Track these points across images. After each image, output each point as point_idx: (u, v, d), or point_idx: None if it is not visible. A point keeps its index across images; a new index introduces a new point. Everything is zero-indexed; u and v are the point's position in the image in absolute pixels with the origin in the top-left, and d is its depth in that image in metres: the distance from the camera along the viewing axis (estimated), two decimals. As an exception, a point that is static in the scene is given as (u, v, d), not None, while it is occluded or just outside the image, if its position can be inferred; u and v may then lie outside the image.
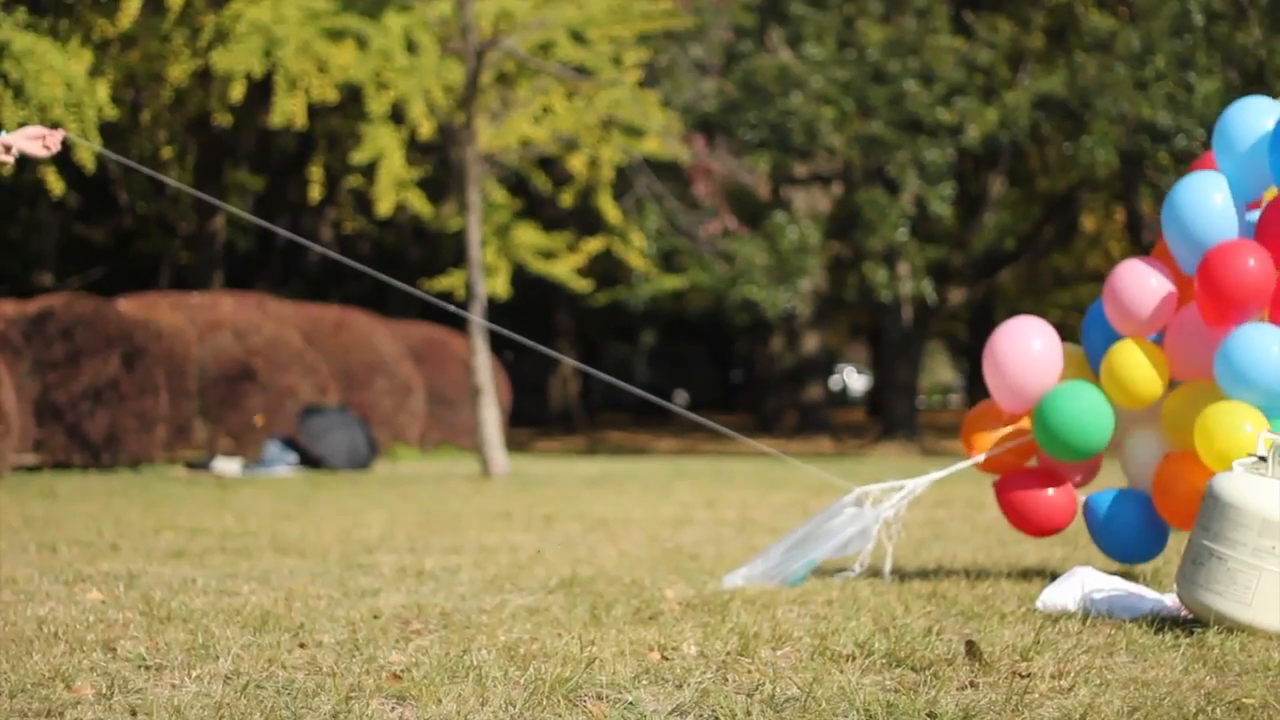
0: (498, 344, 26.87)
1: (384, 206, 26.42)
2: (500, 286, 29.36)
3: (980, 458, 8.87)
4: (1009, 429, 8.90)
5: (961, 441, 9.09)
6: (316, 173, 28.52)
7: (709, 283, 34.02)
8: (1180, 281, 8.41)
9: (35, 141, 7.08)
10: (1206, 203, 8.14)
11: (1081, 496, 8.88)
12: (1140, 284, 8.34)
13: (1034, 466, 8.88)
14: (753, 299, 33.11)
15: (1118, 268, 8.48)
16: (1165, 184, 31.77)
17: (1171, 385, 8.45)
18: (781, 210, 35.09)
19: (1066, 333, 9.04)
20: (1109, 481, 9.39)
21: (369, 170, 29.29)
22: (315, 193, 28.76)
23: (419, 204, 28.06)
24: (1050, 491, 8.71)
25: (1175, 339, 8.33)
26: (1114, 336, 8.61)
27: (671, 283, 34.73)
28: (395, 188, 26.57)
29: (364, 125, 26.76)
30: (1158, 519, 8.51)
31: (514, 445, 31.26)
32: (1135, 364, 8.30)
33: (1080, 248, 42.67)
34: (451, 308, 10.56)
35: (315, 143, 33.19)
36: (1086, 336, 8.86)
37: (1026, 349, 8.68)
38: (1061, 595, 7.50)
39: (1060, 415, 8.42)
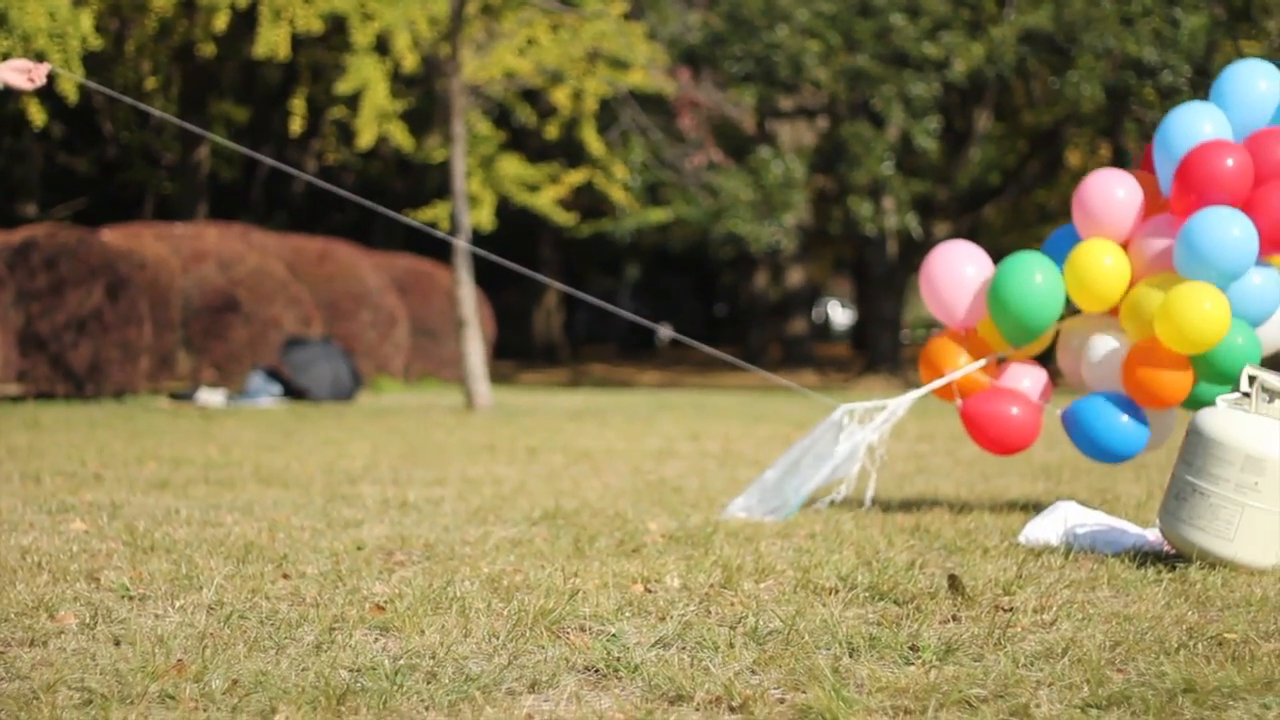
0: (485, 277, 26.80)
1: (365, 138, 26.32)
2: (484, 218, 29.31)
3: (957, 374, 8.87)
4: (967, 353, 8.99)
5: (920, 367, 9.14)
6: (299, 105, 28.41)
7: (694, 216, 33.99)
8: (1150, 195, 8.55)
9: (20, 74, 7.03)
10: (1197, 129, 8.27)
11: (1056, 411, 8.91)
12: (1108, 192, 8.51)
13: (997, 386, 8.88)
14: (737, 233, 33.09)
15: (1088, 177, 8.65)
16: (1150, 119, 31.77)
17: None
18: (766, 144, 35.04)
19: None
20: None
21: (353, 102, 29.19)
22: (296, 125, 28.65)
23: (401, 136, 27.94)
24: (1014, 410, 8.72)
25: (1142, 240, 8.45)
26: None
27: (656, 216, 34.66)
28: (378, 119, 26.46)
29: (348, 56, 26.63)
30: (1133, 414, 8.54)
31: (498, 377, 31.28)
32: (1098, 264, 8.38)
33: (1065, 183, 42.54)
34: (441, 234, 10.55)
35: (299, 74, 33.07)
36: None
37: (959, 272, 8.86)
38: (1044, 530, 7.52)
39: (1012, 287, 8.54)
